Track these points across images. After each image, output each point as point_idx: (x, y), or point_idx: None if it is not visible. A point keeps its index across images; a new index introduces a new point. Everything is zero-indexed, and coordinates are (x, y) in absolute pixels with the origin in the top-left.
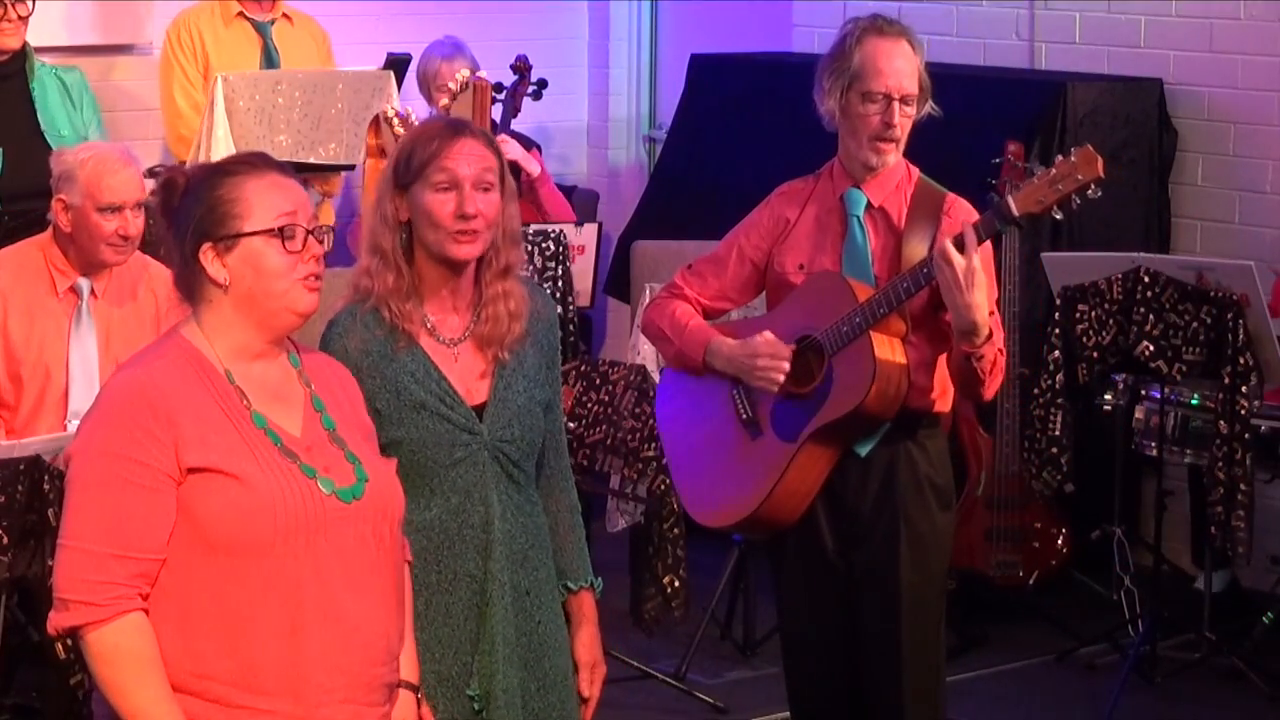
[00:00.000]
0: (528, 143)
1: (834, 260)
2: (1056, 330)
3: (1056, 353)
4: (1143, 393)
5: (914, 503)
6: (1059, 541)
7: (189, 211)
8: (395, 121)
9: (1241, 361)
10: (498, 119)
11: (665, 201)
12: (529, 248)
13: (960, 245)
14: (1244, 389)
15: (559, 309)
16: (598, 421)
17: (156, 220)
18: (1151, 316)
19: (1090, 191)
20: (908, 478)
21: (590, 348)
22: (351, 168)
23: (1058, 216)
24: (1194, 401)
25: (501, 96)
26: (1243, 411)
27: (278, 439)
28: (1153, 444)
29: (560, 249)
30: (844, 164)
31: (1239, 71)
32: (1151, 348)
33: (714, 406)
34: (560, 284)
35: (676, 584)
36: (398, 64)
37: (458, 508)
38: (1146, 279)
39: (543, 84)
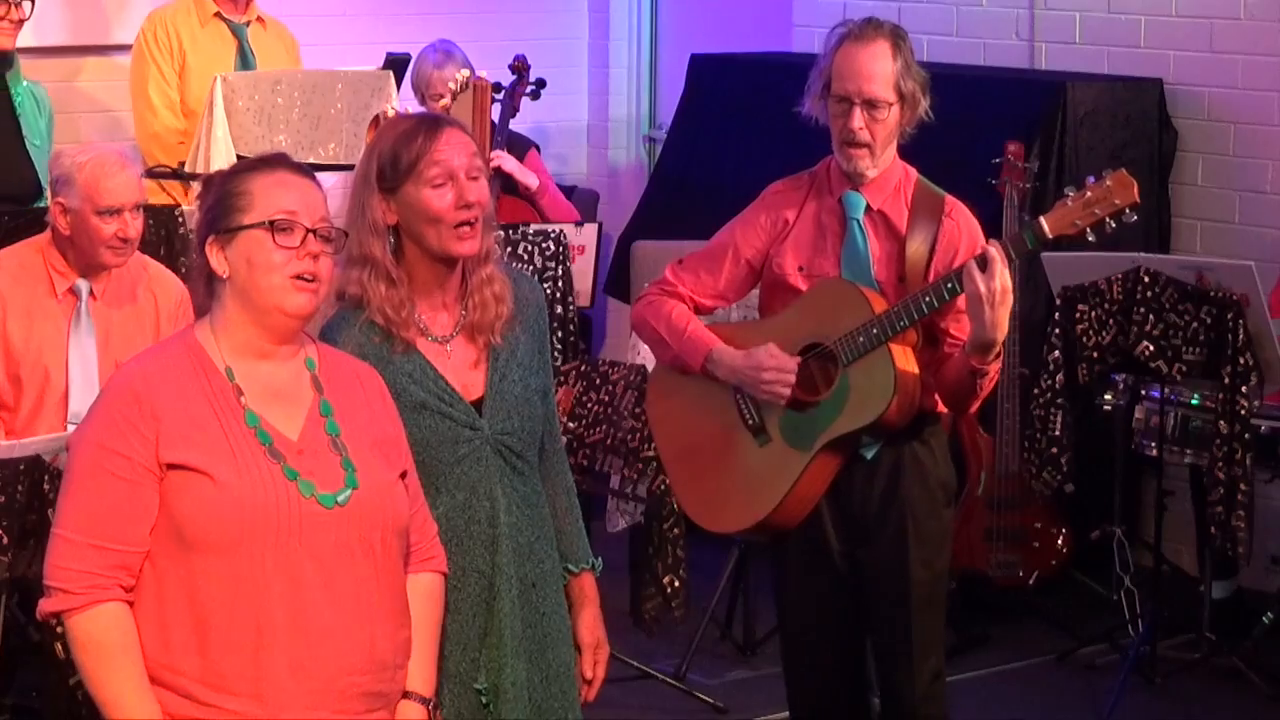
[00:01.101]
0: (525, 142)
1: (834, 263)
2: (1056, 330)
3: (1056, 353)
4: (1143, 393)
5: (921, 500)
6: (1059, 541)
7: (204, 206)
8: None
9: (1241, 361)
10: (496, 119)
11: (665, 201)
12: (529, 248)
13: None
14: (1244, 389)
15: (559, 309)
16: (598, 421)
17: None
18: (1151, 316)
19: (1125, 216)
20: (915, 476)
21: (590, 348)
22: (351, 167)
23: (1090, 239)
24: (1194, 401)
25: (500, 96)
26: (1243, 411)
27: (268, 439)
28: (1153, 444)
29: (560, 249)
30: (839, 165)
31: (1239, 71)
32: (1151, 348)
33: (713, 408)
34: (560, 284)
35: (676, 584)
36: (397, 64)
37: (464, 504)
38: (1146, 279)
39: (541, 84)
